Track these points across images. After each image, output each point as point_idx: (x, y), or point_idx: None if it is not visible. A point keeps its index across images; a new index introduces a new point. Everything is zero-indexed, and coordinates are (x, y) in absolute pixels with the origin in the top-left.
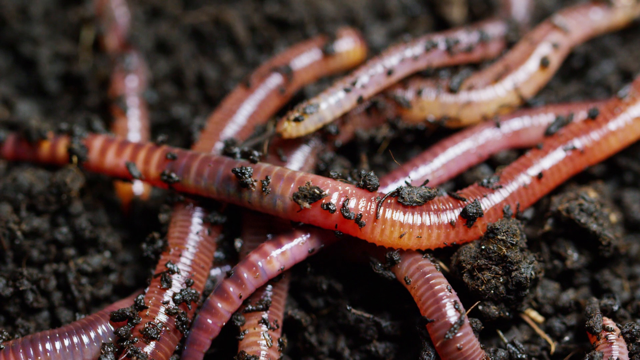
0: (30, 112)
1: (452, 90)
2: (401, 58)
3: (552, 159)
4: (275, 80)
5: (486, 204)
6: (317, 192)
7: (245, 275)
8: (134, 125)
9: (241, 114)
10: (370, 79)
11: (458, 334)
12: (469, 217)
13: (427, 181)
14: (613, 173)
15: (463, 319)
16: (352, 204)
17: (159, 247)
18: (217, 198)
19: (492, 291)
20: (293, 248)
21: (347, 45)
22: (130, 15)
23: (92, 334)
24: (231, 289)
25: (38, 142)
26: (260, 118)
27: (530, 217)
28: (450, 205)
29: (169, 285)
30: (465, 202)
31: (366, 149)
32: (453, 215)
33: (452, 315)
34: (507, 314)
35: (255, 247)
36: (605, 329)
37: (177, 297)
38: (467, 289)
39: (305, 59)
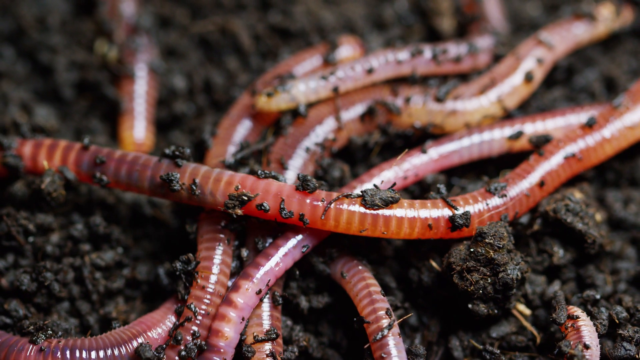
0: (47, 117)
1: (439, 100)
2: (384, 60)
3: (553, 166)
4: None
5: (484, 210)
6: (246, 198)
7: (218, 343)
8: (141, 90)
9: (247, 120)
10: (349, 73)
11: (385, 341)
12: (454, 225)
13: (394, 184)
14: (596, 173)
15: (392, 324)
16: (289, 203)
17: (192, 269)
18: (150, 195)
19: (481, 291)
20: (244, 299)
21: (347, 52)
22: (136, 6)
23: (123, 351)
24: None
25: None
26: (265, 122)
27: (526, 221)
28: (430, 205)
29: (178, 343)
30: (454, 210)
31: (361, 153)
32: (431, 215)
33: (384, 320)
34: (495, 311)
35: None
36: (571, 317)
37: (183, 353)
38: (457, 289)
39: (307, 66)
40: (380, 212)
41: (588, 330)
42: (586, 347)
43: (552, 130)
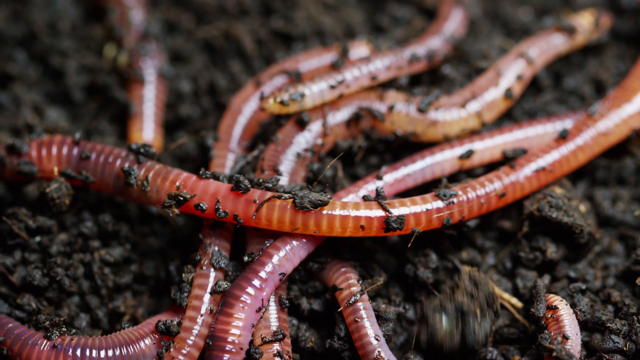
0: (58, 118)
1: (421, 110)
2: (387, 63)
3: (520, 178)
4: (281, 80)
5: (421, 213)
6: (182, 198)
7: (228, 340)
8: (150, 94)
9: (247, 110)
10: (355, 77)
11: (356, 305)
12: (387, 228)
13: (326, 185)
14: (585, 172)
15: (364, 290)
16: (225, 204)
17: (173, 334)
18: (114, 194)
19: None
20: (243, 325)
21: (358, 55)
22: (144, 13)
23: (131, 350)
24: None
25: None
26: (264, 115)
27: (515, 224)
28: (363, 206)
29: None
30: (387, 212)
31: (354, 155)
32: (363, 216)
33: (354, 287)
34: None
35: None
36: (551, 307)
37: None
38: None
39: (314, 63)
40: (312, 211)
41: (568, 320)
42: (566, 338)
43: (501, 145)
